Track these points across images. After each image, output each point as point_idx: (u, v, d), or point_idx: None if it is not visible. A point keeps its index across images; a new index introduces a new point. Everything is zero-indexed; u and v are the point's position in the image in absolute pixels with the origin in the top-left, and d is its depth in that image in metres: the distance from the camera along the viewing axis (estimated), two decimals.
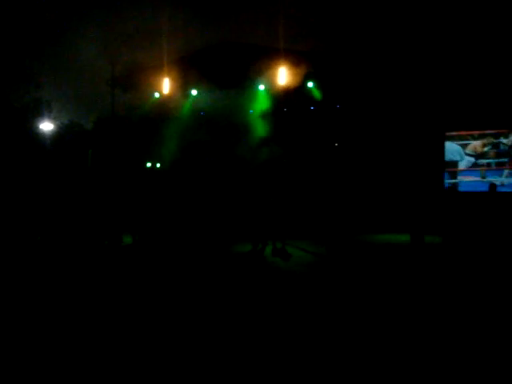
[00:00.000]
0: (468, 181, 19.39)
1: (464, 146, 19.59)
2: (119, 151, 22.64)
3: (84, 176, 20.17)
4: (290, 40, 20.48)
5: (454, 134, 19.86)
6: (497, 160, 18.97)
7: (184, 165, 25.00)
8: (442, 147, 19.90)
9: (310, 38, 20.08)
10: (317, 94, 21.69)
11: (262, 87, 22.71)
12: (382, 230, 17.46)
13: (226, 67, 21.04)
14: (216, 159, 23.92)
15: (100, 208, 12.65)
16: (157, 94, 23.42)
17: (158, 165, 25.36)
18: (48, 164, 20.10)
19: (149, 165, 24.71)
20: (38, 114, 21.22)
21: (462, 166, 19.56)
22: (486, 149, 19.13)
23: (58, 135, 21.90)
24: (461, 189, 19.36)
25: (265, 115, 22.10)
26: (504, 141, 18.81)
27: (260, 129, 22.19)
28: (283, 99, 22.05)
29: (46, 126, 20.99)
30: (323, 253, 12.48)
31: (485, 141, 19.20)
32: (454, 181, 19.69)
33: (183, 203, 16.07)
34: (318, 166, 22.18)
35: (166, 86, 22.81)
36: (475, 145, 19.40)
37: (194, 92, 23.43)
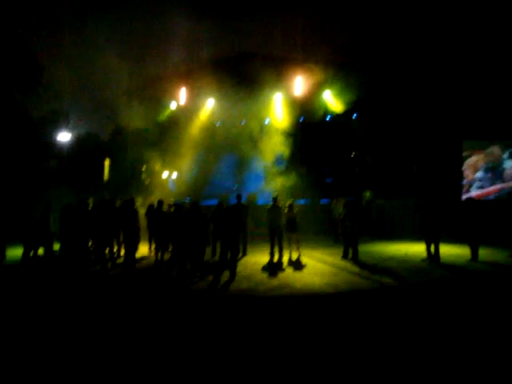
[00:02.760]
0: None
1: None
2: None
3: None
4: (307, 50, 20.35)
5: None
6: None
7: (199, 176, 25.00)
8: (460, 155, 19.51)
9: (326, 48, 19.85)
10: (333, 103, 21.44)
11: (278, 97, 22.54)
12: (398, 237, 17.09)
13: (242, 77, 20.85)
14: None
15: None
16: (173, 104, 23.40)
17: (175, 175, 25.31)
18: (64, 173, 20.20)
19: (166, 175, 24.67)
20: (56, 125, 21.26)
21: None
22: None
23: (75, 146, 21.92)
24: None
25: (281, 125, 21.84)
26: None
27: (277, 139, 21.96)
28: (300, 109, 21.87)
29: (64, 137, 21.03)
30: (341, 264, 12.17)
31: None
32: None
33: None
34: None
35: (182, 96, 22.81)
36: None
37: (211, 102, 23.35)
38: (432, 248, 12.11)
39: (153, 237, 13.39)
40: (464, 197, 18.61)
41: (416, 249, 14.26)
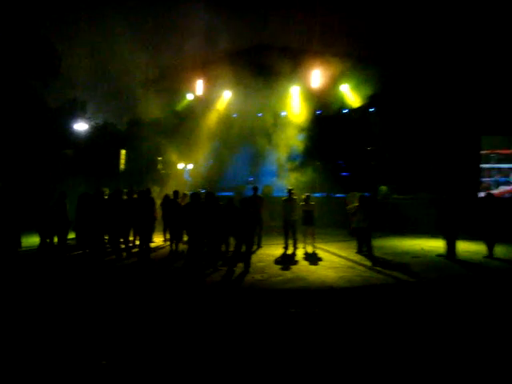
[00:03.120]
0: None
1: None
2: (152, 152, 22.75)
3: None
4: (325, 42, 20.17)
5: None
6: None
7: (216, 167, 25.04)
8: (479, 150, 19.25)
9: (344, 40, 19.65)
10: (351, 97, 21.29)
11: (295, 89, 22.43)
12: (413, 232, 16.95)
13: (259, 69, 20.79)
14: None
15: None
16: (190, 95, 23.42)
17: (191, 166, 25.38)
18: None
19: (181, 166, 24.74)
20: (73, 115, 21.33)
21: None
22: None
23: (91, 135, 22.00)
24: None
25: (297, 118, 21.76)
26: None
27: (293, 132, 21.90)
28: (316, 102, 21.76)
29: (81, 127, 21.14)
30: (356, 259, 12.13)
31: None
32: None
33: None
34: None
35: (199, 87, 22.81)
36: None
37: (228, 94, 23.32)
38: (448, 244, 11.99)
39: (167, 227, 13.45)
40: (482, 194, 18.36)
41: (431, 244, 14.16)
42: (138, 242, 12.40)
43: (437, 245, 13.25)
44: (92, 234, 11.37)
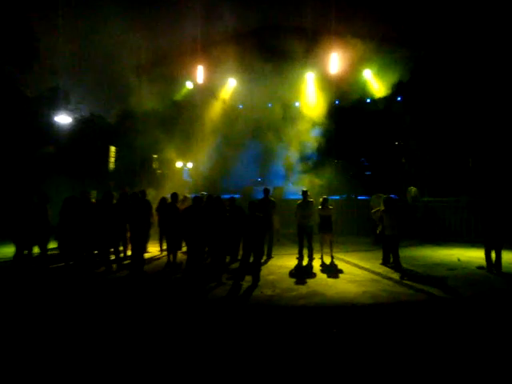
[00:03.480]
0: None
1: None
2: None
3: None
4: (344, 21, 19.96)
5: None
6: None
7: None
8: None
9: (366, 19, 19.47)
10: (374, 84, 21.25)
11: (310, 76, 22.43)
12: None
13: (268, 53, 20.77)
14: None
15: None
16: (189, 84, 23.47)
17: (190, 165, 25.47)
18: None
19: (180, 164, 24.82)
20: (54, 105, 21.19)
21: None
22: None
23: (76, 129, 21.88)
24: None
25: (313, 109, 21.78)
26: None
27: (308, 124, 21.92)
28: (335, 90, 21.71)
29: (63, 119, 21.07)
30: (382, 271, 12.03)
31: None
32: None
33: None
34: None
35: (200, 74, 22.82)
36: None
37: (232, 81, 23.37)
38: (492, 254, 11.80)
39: (164, 235, 13.44)
40: None
41: (470, 254, 14.02)
42: (130, 253, 12.38)
43: (476, 255, 13.12)
44: (77, 243, 11.36)
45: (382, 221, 12.34)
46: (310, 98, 22.94)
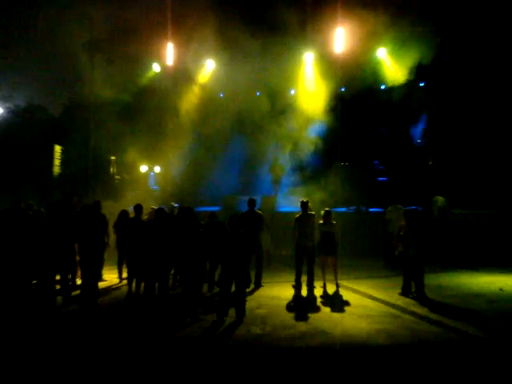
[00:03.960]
0: None
1: None
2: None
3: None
4: None
5: None
6: None
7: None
8: None
9: None
10: (390, 67, 21.29)
11: (308, 57, 22.46)
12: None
13: (256, 29, 20.75)
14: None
15: None
16: (156, 67, 23.40)
17: (158, 169, 25.38)
18: None
19: (144, 169, 24.74)
20: None
21: None
22: None
23: (9, 123, 21.59)
24: None
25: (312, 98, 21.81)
26: None
27: (306, 117, 21.95)
28: (340, 75, 21.72)
29: None
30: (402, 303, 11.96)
31: None
32: None
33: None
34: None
35: (169, 54, 22.75)
36: None
37: (211, 64, 23.33)
38: None
39: (125, 258, 13.33)
40: None
41: None
42: (80, 281, 12.17)
43: None
44: (10, 271, 11.23)
45: (402, 239, 12.30)
46: (308, 84, 22.94)
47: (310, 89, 22.82)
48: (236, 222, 10.53)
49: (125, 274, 13.60)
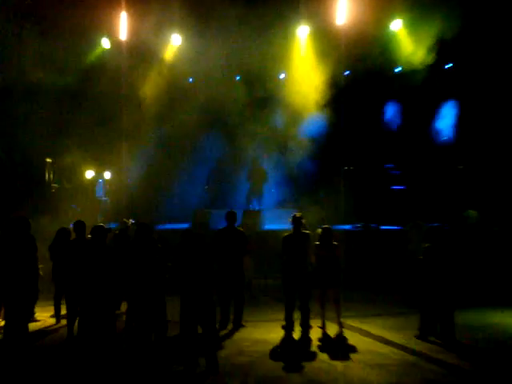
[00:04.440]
0: None
1: None
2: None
3: None
4: None
5: None
6: None
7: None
8: None
9: None
10: (408, 43, 21.31)
11: (303, 31, 22.49)
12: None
13: None
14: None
15: None
16: (106, 42, 23.30)
17: (108, 175, 25.27)
18: None
19: (90, 174, 24.61)
20: None
21: None
22: None
23: None
24: None
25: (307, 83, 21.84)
26: None
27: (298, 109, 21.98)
28: (344, 54, 21.77)
29: None
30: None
31: None
32: None
33: None
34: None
35: (123, 27, 22.72)
36: None
37: (177, 39, 23.27)
38: None
39: (64, 292, 13.19)
40: None
41: None
42: (3, 323, 12.10)
43: None
44: None
45: (424, 265, 12.24)
46: (302, 67, 22.94)
47: (304, 73, 22.78)
48: (193, 241, 10.47)
49: (64, 311, 13.46)
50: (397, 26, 21.16)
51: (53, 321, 14.21)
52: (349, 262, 13.59)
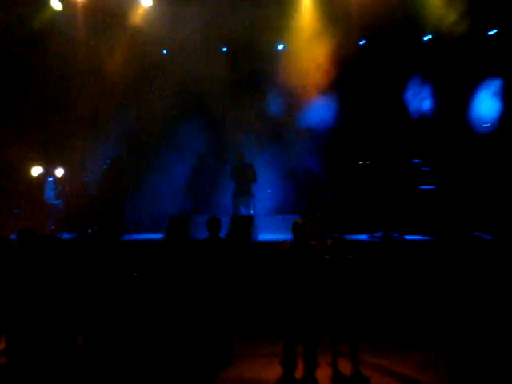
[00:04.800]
0: None
1: None
2: None
3: None
4: None
5: None
6: None
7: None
8: None
9: None
10: (439, 6, 21.15)
11: None
12: None
13: None
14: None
15: None
16: (57, 3, 23.07)
17: (61, 172, 25.07)
18: None
19: (38, 171, 24.43)
20: None
21: None
22: None
23: None
24: None
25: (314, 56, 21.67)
26: None
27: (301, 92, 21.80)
28: (358, 20, 21.61)
29: None
30: None
31: None
32: None
33: None
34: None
35: None
36: None
37: (147, 0, 23.11)
38: None
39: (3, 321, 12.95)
40: None
41: None
42: None
43: None
44: None
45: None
46: (306, 35, 22.76)
47: (308, 42, 22.60)
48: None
49: (2, 345, 13.24)
50: None
51: None
52: (367, 282, 13.30)
